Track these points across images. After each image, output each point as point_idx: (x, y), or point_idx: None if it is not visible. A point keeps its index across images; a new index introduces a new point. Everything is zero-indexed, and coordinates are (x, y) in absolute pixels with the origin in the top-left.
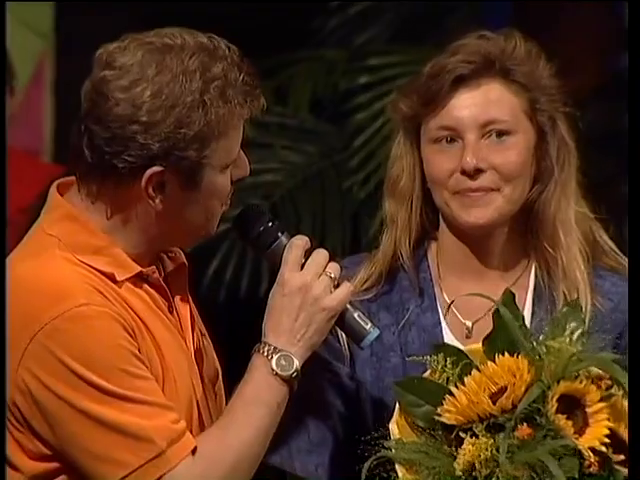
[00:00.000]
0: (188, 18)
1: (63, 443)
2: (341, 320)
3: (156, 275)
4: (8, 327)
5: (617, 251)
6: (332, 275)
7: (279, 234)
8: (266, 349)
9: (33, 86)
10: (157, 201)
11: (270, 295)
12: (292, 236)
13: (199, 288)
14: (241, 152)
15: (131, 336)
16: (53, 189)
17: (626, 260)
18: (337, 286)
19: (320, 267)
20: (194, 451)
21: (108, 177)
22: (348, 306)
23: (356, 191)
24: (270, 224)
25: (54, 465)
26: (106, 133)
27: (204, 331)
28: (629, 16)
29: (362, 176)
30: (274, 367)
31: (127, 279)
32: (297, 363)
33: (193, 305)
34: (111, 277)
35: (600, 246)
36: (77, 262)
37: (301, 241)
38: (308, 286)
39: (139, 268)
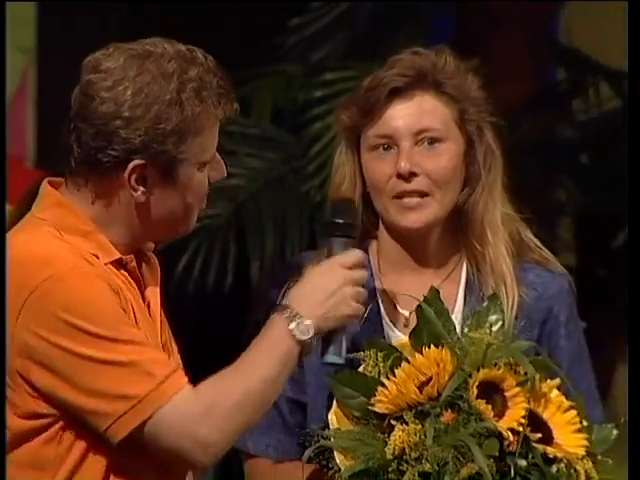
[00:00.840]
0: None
1: (66, 391)
2: (333, 331)
3: (133, 264)
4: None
5: (542, 247)
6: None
7: (348, 235)
8: (288, 311)
9: (18, 98)
10: (139, 193)
11: (309, 270)
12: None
13: (170, 282)
14: (217, 155)
15: (116, 294)
16: (44, 183)
17: (551, 255)
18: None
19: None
20: (196, 388)
21: (94, 171)
22: (344, 330)
23: (313, 194)
24: (346, 221)
25: (40, 422)
26: (92, 129)
27: (168, 328)
28: (629, 16)
29: (318, 181)
30: (292, 327)
31: (108, 263)
32: (313, 331)
33: (161, 303)
34: (95, 257)
35: (526, 243)
36: (65, 240)
37: (361, 256)
38: (348, 280)
39: (120, 255)
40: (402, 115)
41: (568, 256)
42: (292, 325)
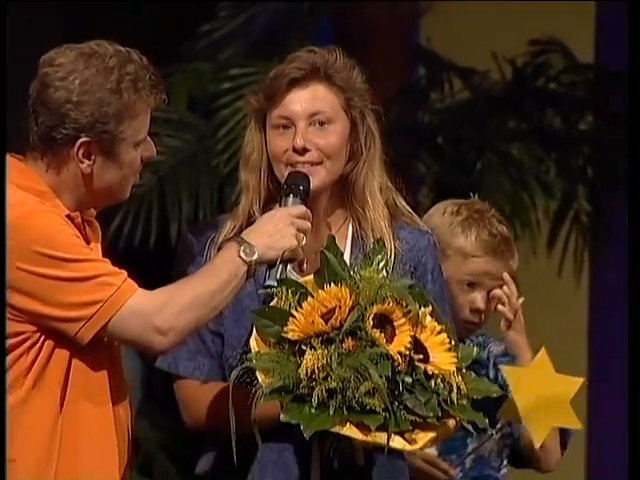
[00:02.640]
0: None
1: (43, 308)
2: (273, 263)
3: (79, 220)
4: None
5: (411, 211)
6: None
7: (301, 197)
8: (238, 240)
9: None
10: (85, 165)
11: (262, 216)
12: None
13: (104, 241)
14: (148, 138)
15: (71, 227)
16: (7, 157)
17: (418, 217)
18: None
19: (302, 227)
20: (156, 289)
21: (49, 146)
22: (282, 264)
23: (221, 168)
24: (302, 188)
25: (18, 339)
26: (47, 112)
27: None
28: (629, 16)
29: (226, 157)
30: (241, 250)
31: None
32: (256, 255)
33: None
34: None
35: (399, 208)
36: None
37: (306, 211)
38: (292, 221)
39: (67, 211)
40: (299, 101)
41: None
42: (241, 248)
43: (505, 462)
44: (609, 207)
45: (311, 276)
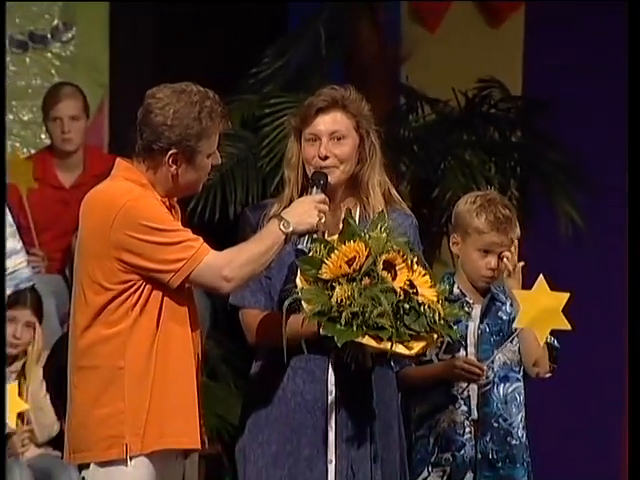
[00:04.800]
0: (173, 78)
1: (146, 263)
2: (303, 233)
3: (167, 203)
4: (91, 223)
5: (400, 199)
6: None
7: (322, 188)
8: (279, 217)
9: (98, 114)
10: (173, 169)
11: (295, 201)
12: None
13: (182, 219)
14: (217, 150)
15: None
16: (117, 160)
17: (405, 204)
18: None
19: (323, 209)
20: (223, 251)
21: (148, 154)
22: (308, 234)
23: (264, 167)
24: (322, 182)
25: (125, 285)
26: (149, 130)
27: None
28: (629, 17)
29: (267, 160)
30: (280, 224)
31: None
32: (291, 228)
33: None
34: None
35: (392, 197)
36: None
37: (325, 198)
38: (315, 205)
39: (160, 197)
40: (323, 123)
41: (407, 203)
42: (281, 223)
43: (522, 368)
44: (531, 195)
45: (336, 236)
